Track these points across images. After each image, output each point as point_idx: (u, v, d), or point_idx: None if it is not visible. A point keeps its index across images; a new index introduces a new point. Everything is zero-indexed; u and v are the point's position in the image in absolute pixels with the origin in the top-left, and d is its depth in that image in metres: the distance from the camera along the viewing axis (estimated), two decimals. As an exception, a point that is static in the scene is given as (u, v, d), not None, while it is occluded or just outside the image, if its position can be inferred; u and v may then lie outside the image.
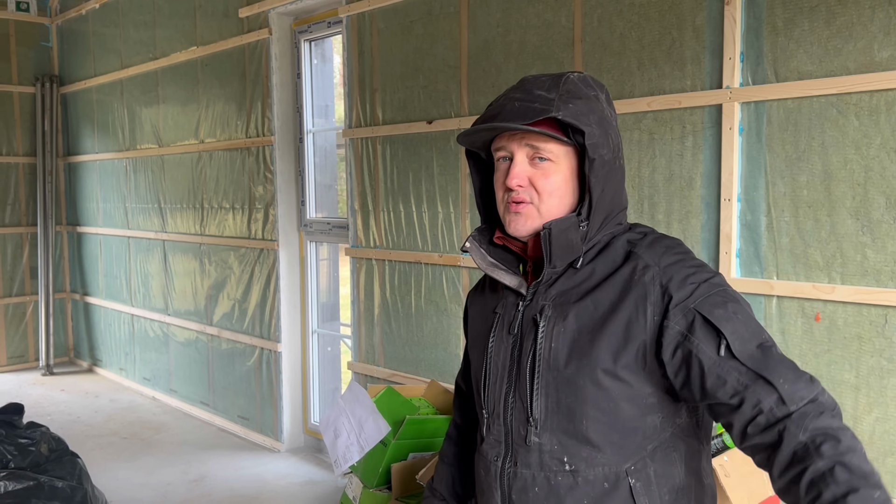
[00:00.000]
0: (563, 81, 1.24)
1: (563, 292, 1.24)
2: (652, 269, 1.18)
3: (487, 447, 1.31)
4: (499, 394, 1.29)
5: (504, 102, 1.25)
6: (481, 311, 1.40)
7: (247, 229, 4.41)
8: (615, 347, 1.18)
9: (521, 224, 1.25)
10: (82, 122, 6.00)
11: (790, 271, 2.27)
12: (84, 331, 6.26)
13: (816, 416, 1.05)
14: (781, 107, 2.26)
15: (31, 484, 2.75)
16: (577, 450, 1.21)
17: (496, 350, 1.30)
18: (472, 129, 1.26)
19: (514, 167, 1.23)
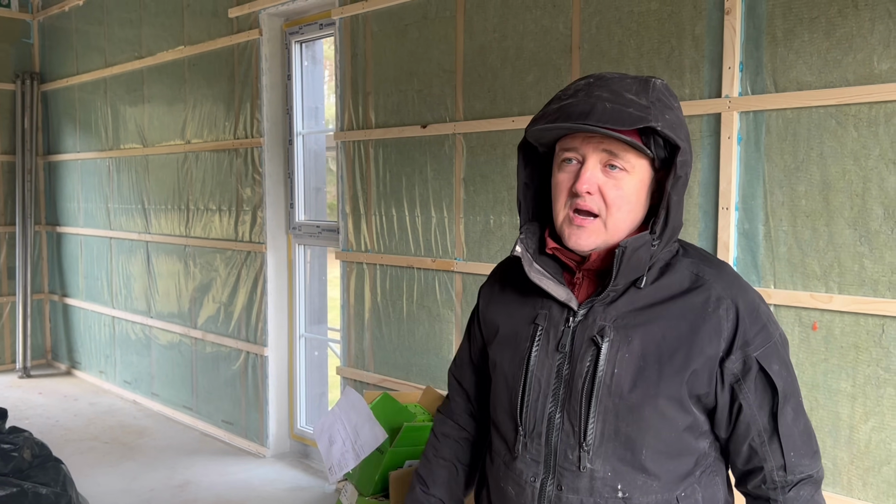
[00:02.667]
0: (651, 87, 1.17)
1: (624, 314, 1.18)
2: (725, 302, 1.17)
3: (522, 465, 1.23)
4: (541, 412, 1.21)
5: (592, 101, 1.13)
6: (511, 316, 1.30)
7: (234, 231, 4.36)
8: (684, 378, 1.16)
9: (585, 239, 1.17)
10: (64, 120, 5.90)
11: (788, 280, 2.29)
12: (63, 332, 6.15)
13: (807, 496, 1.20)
14: (780, 117, 2.27)
15: (14, 491, 2.69)
16: (632, 478, 1.17)
17: (539, 365, 1.22)
18: (555, 126, 1.15)
19: (586, 172, 1.15)
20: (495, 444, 1.32)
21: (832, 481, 2.23)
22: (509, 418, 1.26)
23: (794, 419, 1.20)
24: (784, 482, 1.19)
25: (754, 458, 1.20)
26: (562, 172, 1.19)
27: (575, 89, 1.19)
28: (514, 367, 1.26)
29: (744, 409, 1.18)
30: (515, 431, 1.24)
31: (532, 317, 1.25)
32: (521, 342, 1.26)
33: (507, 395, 1.27)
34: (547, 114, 1.18)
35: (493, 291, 1.38)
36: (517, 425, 1.24)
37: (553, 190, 1.21)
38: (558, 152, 1.20)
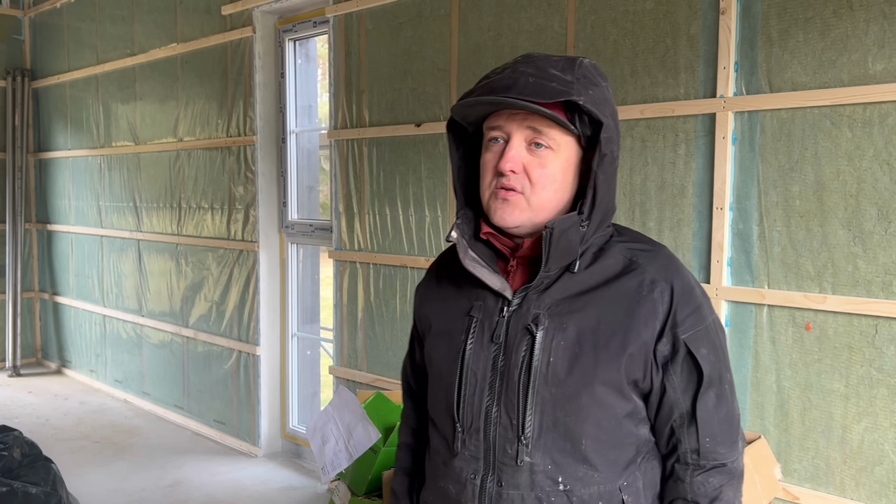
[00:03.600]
0: (577, 65, 1.14)
1: (559, 301, 1.15)
2: (660, 285, 1.15)
3: (461, 463, 1.19)
4: (478, 407, 1.17)
5: (515, 76, 1.11)
6: (446, 310, 1.26)
7: (226, 230, 4.34)
8: (621, 363, 1.13)
9: (509, 213, 1.14)
10: (55, 117, 5.87)
11: (781, 281, 2.29)
12: (53, 331, 6.11)
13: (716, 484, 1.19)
14: (775, 117, 2.28)
15: (3, 490, 2.66)
16: (573, 469, 1.15)
17: (475, 358, 1.18)
18: (475, 99, 1.12)
19: (510, 150, 1.12)
20: (434, 442, 1.28)
21: (825, 481, 2.23)
22: (447, 415, 1.22)
23: (715, 405, 1.18)
24: (696, 465, 1.19)
25: (672, 439, 1.20)
26: (488, 152, 1.17)
27: (503, 67, 1.17)
28: (450, 362, 1.22)
29: (667, 392, 1.17)
30: (453, 428, 1.20)
31: (467, 308, 1.22)
32: (456, 335, 1.21)
33: (444, 392, 1.22)
34: (474, 90, 1.15)
35: (428, 287, 1.34)
36: (455, 422, 1.20)
37: (481, 170, 1.18)
38: (485, 132, 1.17)
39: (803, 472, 2.27)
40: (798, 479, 2.28)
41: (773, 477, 2.12)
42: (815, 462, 2.25)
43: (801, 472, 2.27)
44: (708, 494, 1.18)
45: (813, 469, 2.25)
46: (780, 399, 2.30)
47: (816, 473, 2.25)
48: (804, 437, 2.26)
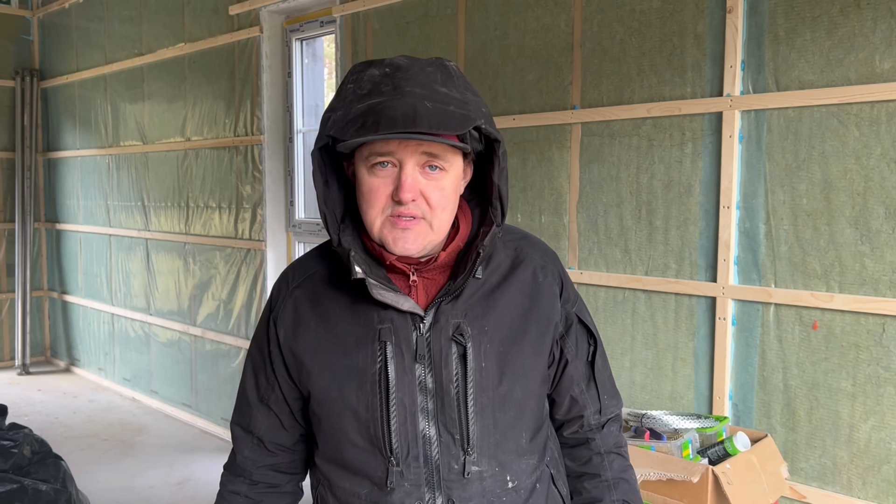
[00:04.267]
0: (452, 75, 1.09)
1: (471, 306, 1.14)
2: (548, 269, 1.22)
3: (400, 496, 1.12)
4: (412, 433, 1.11)
5: (411, 102, 1.03)
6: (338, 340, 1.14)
7: (233, 229, 4.36)
8: (539, 351, 1.18)
9: (412, 242, 1.08)
10: (63, 117, 5.90)
11: (788, 279, 2.29)
12: (62, 330, 6.15)
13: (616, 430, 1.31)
14: (782, 116, 2.27)
15: (14, 487, 2.68)
16: (517, 465, 1.17)
17: (399, 384, 1.11)
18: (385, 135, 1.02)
19: (407, 178, 1.06)
20: (345, 486, 1.17)
21: (832, 480, 2.23)
22: (370, 453, 1.13)
23: (603, 365, 1.29)
24: (598, 423, 1.28)
25: (574, 406, 1.26)
26: (375, 177, 1.07)
27: (374, 82, 1.07)
28: (366, 396, 1.12)
29: (570, 362, 1.24)
30: (385, 464, 1.12)
31: (372, 335, 1.12)
32: (367, 366, 1.12)
33: (364, 429, 1.12)
34: (353, 116, 1.04)
35: (295, 318, 1.18)
36: (386, 456, 1.12)
37: (365, 195, 1.09)
38: (367, 156, 1.08)
39: (810, 471, 2.27)
40: (805, 478, 2.28)
41: (780, 475, 2.12)
42: (822, 461, 2.24)
43: (808, 471, 2.27)
44: (617, 443, 1.30)
45: (820, 468, 2.25)
46: (786, 398, 2.30)
47: (823, 472, 2.24)
48: (811, 436, 2.26)
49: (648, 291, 2.60)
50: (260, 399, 1.24)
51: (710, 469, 1.90)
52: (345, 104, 1.08)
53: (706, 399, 2.47)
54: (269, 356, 1.21)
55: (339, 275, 1.16)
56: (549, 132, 2.84)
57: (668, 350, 2.56)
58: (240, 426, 1.27)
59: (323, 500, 1.22)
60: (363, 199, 1.10)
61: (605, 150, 2.68)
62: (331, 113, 1.09)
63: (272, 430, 1.25)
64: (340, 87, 1.12)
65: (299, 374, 1.18)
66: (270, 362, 1.21)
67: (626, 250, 2.65)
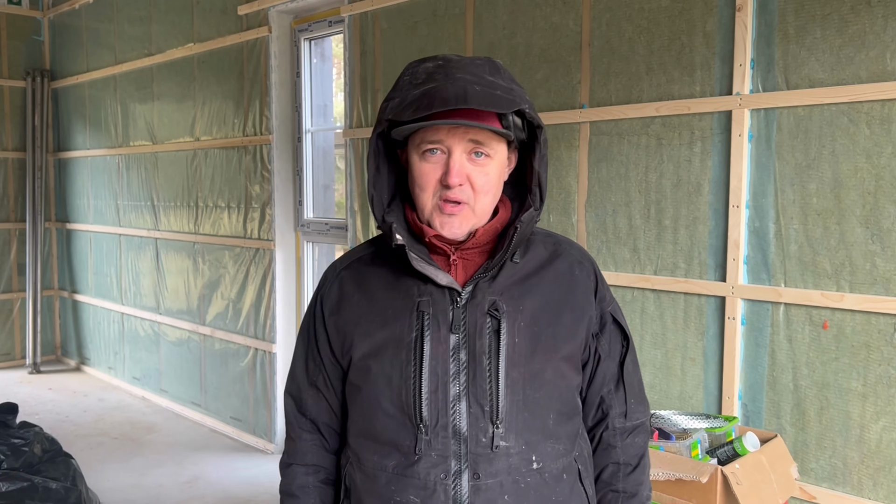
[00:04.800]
0: (501, 69, 1.18)
1: (508, 286, 1.19)
2: (585, 266, 1.27)
3: (426, 466, 1.14)
4: (443, 402, 1.15)
5: (461, 85, 1.11)
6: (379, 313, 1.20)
7: (242, 229, 4.37)
8: (572, 336, 1.21)
9: (458, 226, 1.17)
10: (74, 117, 5.93)
11: (798, 279, 2.27)
12: (72, 329, 6.18)
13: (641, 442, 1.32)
14: (792, 114, 2.26)
15: (24, 485, 2.70)
16: (543, 446, 1.18)
17: (433, 353, 1.15)
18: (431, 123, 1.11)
19: (455, 164, 1.13)
20: (373, 459, 1.20)
21: (842, 481, 2.22)
22: (400, 422, 1.16)
23: (633, 369, 1.31)
24: (623, 428, 1.29)
25: (602, 405, 1.28)
26: (426, 163, 1.16)
27: (428, 72, 1.15)
28: (401, 364, 1.17)
29: (602, 360, 1.27)
30: (414, 432, 1.15)
31: (410, 306, 1.18)
32: (404, 335, 1.17)
33: (396, 397, 1.16)
34: (408, 101, 1.13)
35: (340, 295, 1.26)
36: (416, 424, 1.15)
37: (417, 179, 1.17)
38: (419, 143, 1.16)
39: (820, 472, 2.26)
40: (815, 479, 2.26)
41: (790, 476, 2.11)
42: (833, 461, 2.23)
43: (818, 472, 2.26)
44: (637, 454, 1.30)
45: (830, 468, 2.24)
46: (796, 398, 2.29)
47: (834, 473, 2.23)
48: (821, 437, 2.25)
49: (657, 291, 2.59)
50: (309, 382, 1.30)
51: (720, 469, 1.89)
52: (401, 92, 1.16)
53: (715, 399, 2.46)
54: (316, 336, 1.28)
55: (384, 255, 1.25)
56: (557, 131, 2.83)
57: (677, 350, 2.55)
58: (296, 410, 1.32)
59: (351, 478, 1.24)
60: (415, 184, 1.18)
61: (614, 149, 2.67)
62: (388, 102, 1.17)
63: (322, 412, 1.30)
64: (397, 81, 1.20)
65: (341, 346, 1.24)
66: (317, 343, 1.28)
67: (634, 250, 2.64)
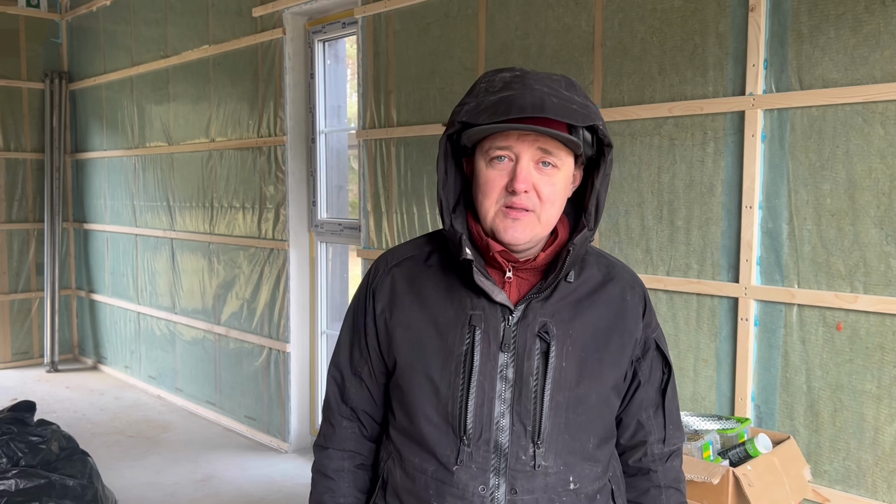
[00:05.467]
0: (576, 86, 1.18)
1: (560, 308, 1.19)
2: (636, 291, 1.27)
3: (464, 477, 1.16)
4: (488, 417, 1.16)
5: (539, 95, 1.11)
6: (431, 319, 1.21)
7: (257, 229, 4.40)
8: (617, 363, 1.22)
9: (521, 232, 1.15)
10: (91, 118, 5.99)
11: (812, 280, 2.26)
12: (89, 328, 6.25)
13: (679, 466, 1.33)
14: (805, 114, 2.25)
15: (42, 482, 2.74)
16: (581, 468, 1.19)
17: (482, 368, 1.16)
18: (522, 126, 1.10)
19: (522, 171, 1.13)
20: (414, 461, 1.22)
21: (856, 483, 2.20)
22: (443, 430, 1.18)
23: (673, 395, 1.31)
24: (661, 454, 1.30)
25: (640, 432, 1.29)
26: (493, 169, 1.15)
27: (505, 81, 1.15)
28: (449, 375, 1.18)
29: (642, 385, 1.27)
30: (456, 443, 1.17)
31: (463, 318, 1.19)
32: (455, 347, 1.18)
33: (442, 406, 1.18)
34: (484, 106, 1.13)
35: (392, 293, 1.26)
36: (459, 435, 1.17)
37: (482, 186, 1.16)
38: (487, 149, 1.15)
39: (834, 474, 2.24)
40: (829, 481, 2.25)
41: (803, 478, 2.10)
42: (847, 463, 2.22)
43: (831, 474, 2.25)
44: (677, 478, 1.32)
45: (844, 470, 2.22)
46: (810, 399, 2.28)
47: (847, 475, 2.22)
48: (835, 439, 2.24)
49: (670, 292, 2.58)
50: (353, 371, 1.31)
51: (731, 471, 1.88)
52: (477, 98, 1.16)
53: (728, 400, 2.45)
54: (364, 328, 1.28)
55: (438, 260, 1.25)
56: (569, 132, 2.83)
57: (689, 351, 2.55)
58: (339, 398, 1.33)
59: (391, 472, 1.26)
60: (479, 190, 1.17)
61: (627, 149, 2.67)
62: (462, 106, 1.17)
63: (364, 401, 1.31)
64: (473, 87, 1.20)
65: (389, 346, 1.25)
66: (364, 335, 1.28)
67: (647, 250, 2.64)
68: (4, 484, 2.67)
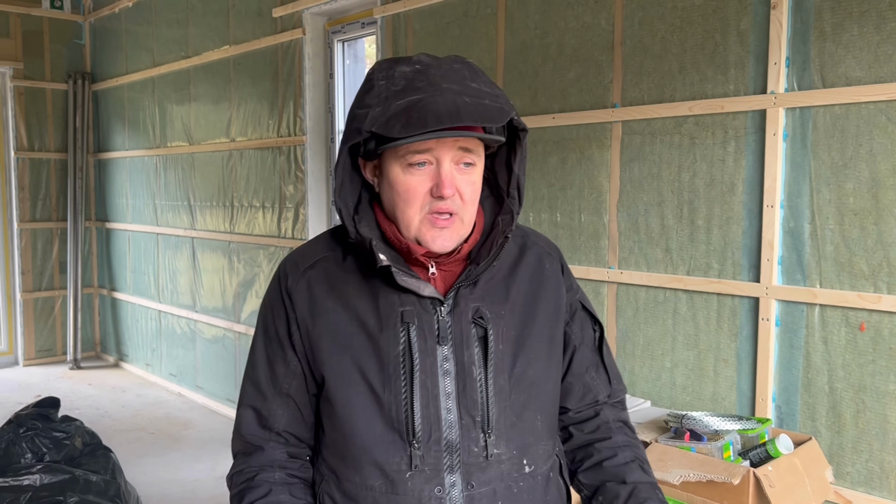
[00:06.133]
0: (476, 70, 1.12)
1: (488, 291, 1.17)
2: (553, 257, 1.27)
3: (418, 482, 1.11)
4: (435, 415, 1.11)
5: (451, 98, 1.05)
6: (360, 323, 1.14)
7: (277, 228, 4.43)
8: (548, 335, 1.21)
9: (449, 240, 1.12)
10: (113, 119, 6.06)
11: (834, 280, 2.24)
12: (111, 326, 6.32)
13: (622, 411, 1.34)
14: (828, 113, 2.23)
15: (66, 477, 2.78)
16: (533, 449, 1.18)
17: (422, 366, 1.11)
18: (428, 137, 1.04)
19: (446, 175, 1.08)
20: (354, 479, 1.14)
21: (879, 485, 2.18)
22: (388, 439, 1.11)
23: (608, 349, 1.32)
24: (610, 406, 1.31)
25: (588, 394, 1.29)
26: (412, 176, 1.09)
27: (406, 79, 1.08)
28: (388, 378, 1.12)
29: (578, 349, 1.27)
30: (405, 447, 1.11)
31: (393, 317, 1.13)
32: (390, 347, 1.12)
33: (385, 412, 1.11)
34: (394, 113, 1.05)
35: (311, 298, 1.16)
36: (408, 440, 1.11)
37: (402, 194, 1.10)
38: (404, 154, 1.09)
39: (857, 476, 2.22)
40: (851, 483, 2.23)
41: (825, 479, 2.08)
42: (869, 465, 2.20)
43: (854, 476, 2.23)
44: (629, 424, 1.33)
45: (867, 472, 2.20)
46: (832, 400, 2.26)
47: (870, 477, 2.20)
48: (858, 440, 2.21)
49: (690, 291, 2.57)
50: (279, 390, 1.19)
51: (752, 471, 1.87)
52: (381, 101, 1.07)
53: (748, 401, 2.44)
54: (289, 338, 1.17)
55: (354, 261, 1.17)
56: (589, 131, 2.83)
57: (709, 351, 2.53)
58: (257, 422, 1.19)
59: (328, 496, 1.17)
60: (399, 198, 1.11)
61: (646, 148, 2.66)
62: (367, 109, 1.08)
63: (292, 422, 1.20)
64: (369, 83, 1.11)
65: (314, 358, 1.15)
66: (291, 344, 1.17)
67: (667, 250, 2.63)
68: (30, 479, 2.71)
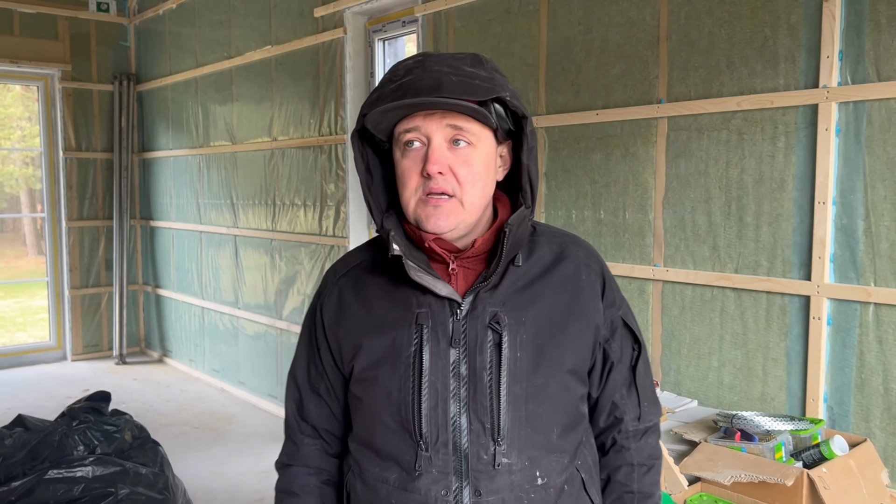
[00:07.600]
0: (484, 61, 1.13)
1: (510, 295, 1.14)
2: (593, 268, 1.21)
3: (426, 483, 1.11)
4: (443, 419, 1.11)
5: (435, 76, 1.07)
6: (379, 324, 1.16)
7: (318, 226, 4.47)
8: (577, 348, 1.17)
9: (444, 219, 1.10)
10: (157, 119, 6.17)
11: (890, 278, 2.19)
12: (155, 322, 6.44)
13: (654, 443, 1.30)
14: (883, 107, 2.18)
15: (117, 469, 2.84)
16: (547, 461, 1.14)
17: (432, 368, 1.11)
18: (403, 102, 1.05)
19: (434, 152, 1.08)
20: (374, 471, 1.17)
21: (937, 489, 2.12)
22: (400, 436, 1.13)
23: (645, 371, 1.27)
24: (636, 431, 1.27)
25: (615, 411, 1.25)
26: (406, 158, 1.11)
27: (407, 68, 1.11)
28: (399, 378, 1.13)
29: (615, 366, 1.23)
30: (414, 448, 1.12)
31: (409, 318, 1.14)
32: (403, 348, 1.13)
33: (396, 412, 1.13)
34: (385, 94, 1.08)
35: (339, 303, 1.21)
36: (416, 440, 1.12)
37: (400, 178, 1.12)
38: (399, 137, 1.11)
39: (912, 479, 2.17)
40: (907, 486, 2.18)
41: (881, 482, 2.03)
42: (926, 468, 2.14)
43: (910, 479, 2.17)
44: (651, 455, 1.28)
45: (923, 475, 2.15)
46: (887, 401, 2.20)
47: (927, 480, 2.14)
48: (914, 442, 2.16)
49: (738, 290, 2.53)
50: (311, 388, 1.27)
51: (806, 472, 1.84)
52: (380, 89, 1.12)
53: (799, 401, 2.39)
54: (317, 343, 1.24)
55: (383, 262, 1.18)
56: (633, 127, 2.80)
57: (758, 350, 2.49)
58: (297, 415, 1.28)
59: (352, 486, 1.21)
60: (399, 182, 1.13)
61: (693, 144, 2.63)
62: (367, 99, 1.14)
63: (324, 419, 1.27)
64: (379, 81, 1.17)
65: (342, 356, 1.20)
66: (318, 350, 1.24)
67: (714, 247, 2.59)
68: (82, 470, 2.78)
